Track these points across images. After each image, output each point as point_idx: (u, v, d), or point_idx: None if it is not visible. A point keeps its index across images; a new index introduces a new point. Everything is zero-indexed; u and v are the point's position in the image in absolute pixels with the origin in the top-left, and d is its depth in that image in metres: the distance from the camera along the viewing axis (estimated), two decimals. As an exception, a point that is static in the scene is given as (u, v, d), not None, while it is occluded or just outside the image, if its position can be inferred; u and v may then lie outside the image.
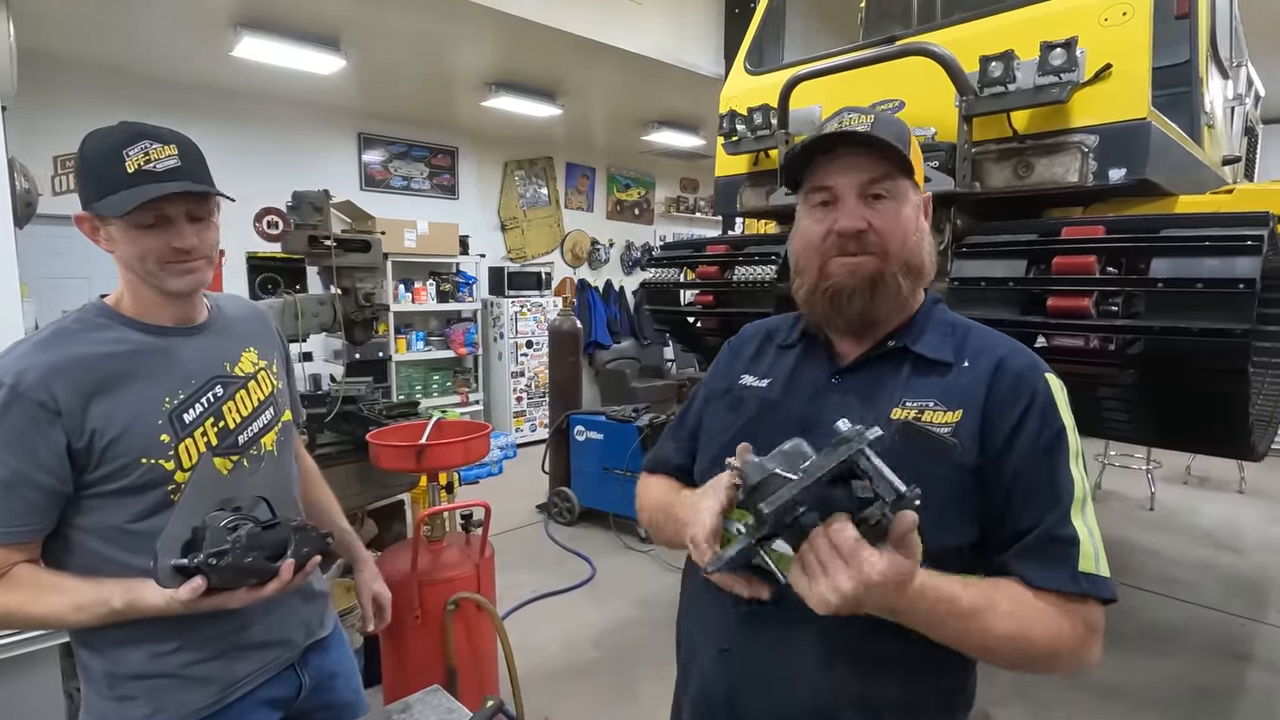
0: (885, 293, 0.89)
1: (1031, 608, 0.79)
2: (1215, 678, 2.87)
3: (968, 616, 0.76)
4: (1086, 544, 0.80)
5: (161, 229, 1.01)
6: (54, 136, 4.59)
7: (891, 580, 0.66)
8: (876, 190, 0.89)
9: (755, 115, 2.65)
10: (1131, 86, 1.91)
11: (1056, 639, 0.78)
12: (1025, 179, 2.10)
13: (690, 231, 9.23)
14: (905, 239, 0.89)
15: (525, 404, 6.89)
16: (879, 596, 0.67)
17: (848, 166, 0.89)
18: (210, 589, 0.95)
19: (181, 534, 0.96)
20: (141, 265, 1.02)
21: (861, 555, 0.65)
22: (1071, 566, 0.79)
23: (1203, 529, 4.56)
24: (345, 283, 3.08)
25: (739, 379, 1.04)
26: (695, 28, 5.00)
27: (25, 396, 0.95)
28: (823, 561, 0.67)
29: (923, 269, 0.92)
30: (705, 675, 0.97)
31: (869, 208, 0.89)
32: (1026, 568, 0.81)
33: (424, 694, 1.32)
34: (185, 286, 1.06)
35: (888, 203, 0.89)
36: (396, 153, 6.44)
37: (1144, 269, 1.79)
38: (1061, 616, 0.78)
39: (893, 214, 0.89)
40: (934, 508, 0.81)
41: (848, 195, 0.89)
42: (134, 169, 0.97)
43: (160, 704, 1.04)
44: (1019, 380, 0.85)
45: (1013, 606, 0.78)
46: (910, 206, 0.90)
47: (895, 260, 0.89)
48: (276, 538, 1.03)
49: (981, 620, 0.76)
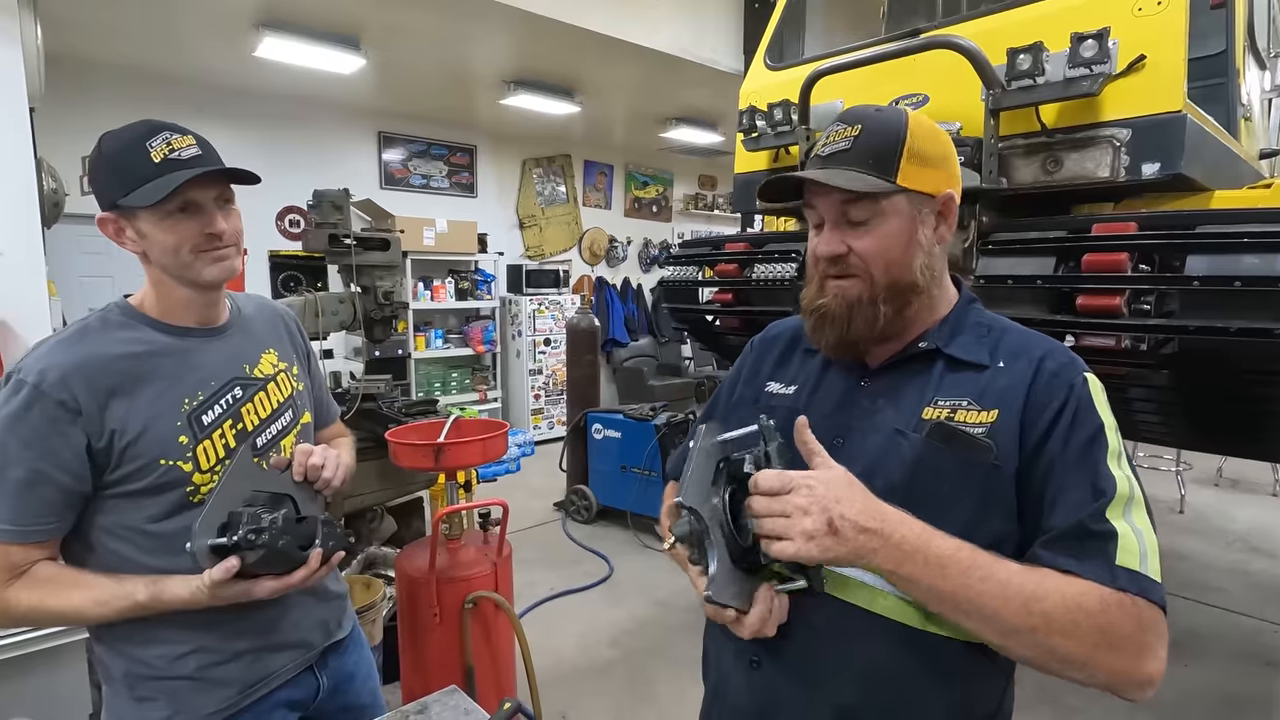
0: (862, 318, 0.87)
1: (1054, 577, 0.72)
2: (1247, 686, 2.80)
3: (969, 564, 0.72)
4: (1128, 539, 0.72)
5: (192, 216, 1.02)
6: (80, 137, 4.65)
7: (836, 477, 0.74)
8: (853, 215, 0.86)
9: (775, 111, 2.61)
10: (1166, 78, 1.85)
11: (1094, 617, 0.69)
12: (1054, 174, 2.05)
13: (709, 229, 9.18)
14: (890, 260, 0.86)
15: (543, 401, 6.90)
16: (848, 512, 0.72)
17: (823, 188, 0.86)
18: (241, 572, 0.95)
19: (218, 518, 0.98)
20: (175, 256, 1.03)
21: (790, 475, 0.73)
22: (1107, 559, 0.72)
23: (1235, 533, 4.45)
24: (365, 281, 3.10)
25: (765, 386, 1.02)
26: (714, 22, 4.96)
27: (47, 396, 0.95)
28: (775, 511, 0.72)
29: (915, 285, 0.88)
30: (735, 690, 0.95)
31: (850, 230, 0.87)
32: (1054, 558, 0.74)
33: (441, 695, 1.31)
34: (219, 275, 1.07)
35: (868, 224, 0.86)
36: (416, 151, 6.47)
37: (1179, 266, 1.74)
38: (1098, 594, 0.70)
39: (872, 236, 0.86)
40: (968, 509, 0.80)
41: (827, 218, 0.88)
42: (160, 159, 0.98)
43: (179, 706, 1.05)
44: (1055, 378, 0.82)
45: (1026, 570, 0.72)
46: (898, 222, 0.86)
47: (879, 284, 0.86)
48: (307, 528, 1.05)
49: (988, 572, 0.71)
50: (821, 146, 0.88)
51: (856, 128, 0.86)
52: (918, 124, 0.87)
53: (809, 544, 0.71)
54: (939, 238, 0.89)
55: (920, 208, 0.87)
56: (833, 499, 0.72)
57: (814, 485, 0.72)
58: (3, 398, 0.96)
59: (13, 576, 0.96)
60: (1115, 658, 0.70)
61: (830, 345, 0.92)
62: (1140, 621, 0.70)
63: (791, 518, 0.71)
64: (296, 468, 1.10)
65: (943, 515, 0.78)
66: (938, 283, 0.91)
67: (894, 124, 0.86)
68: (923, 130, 0.87)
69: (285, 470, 1.10)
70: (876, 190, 0.84)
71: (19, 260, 2.07)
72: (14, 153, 2.02)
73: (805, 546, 0.71)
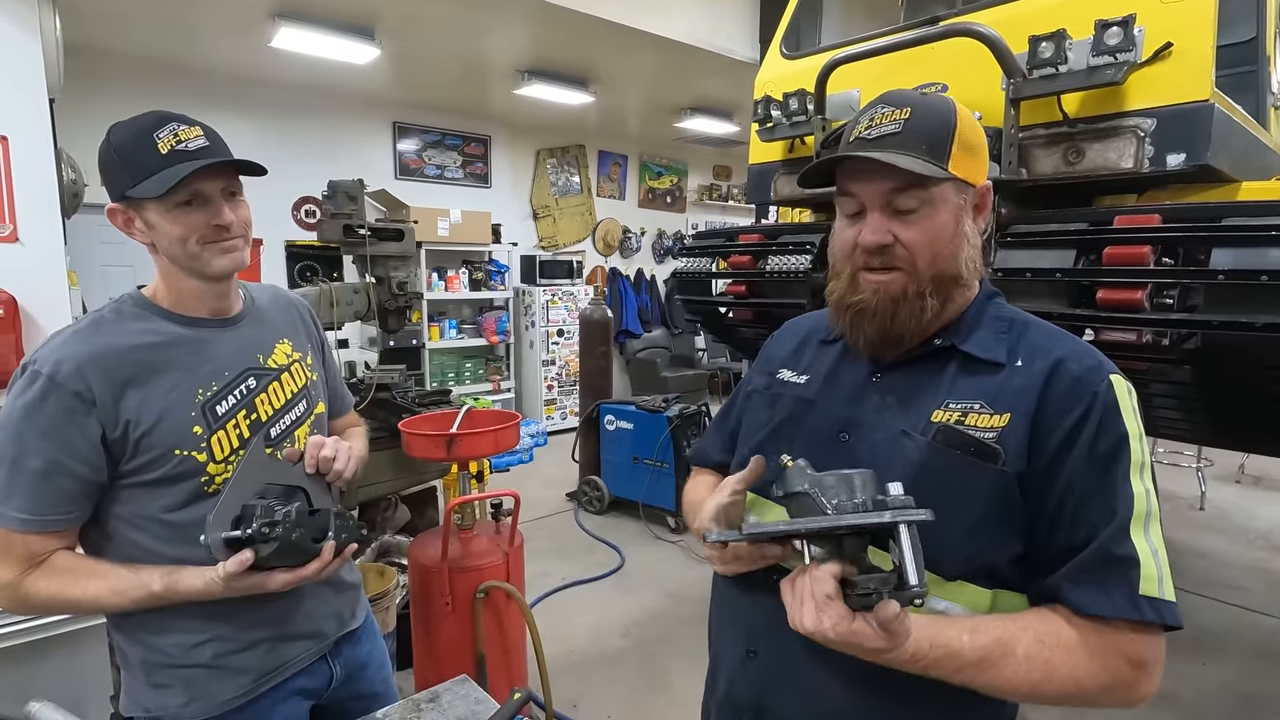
0: (907, 312, 0.84)
1: (1059, 649, 0.72)
2: (1266, 685, 2.76)
3: (976, 667, 0.72)
4: (1148, 564, 0.72)
5: (199, 207, 1.02)
6: (98, 127, 4.66)
7: (850, 645, 0.68)
8: (901, 203, 0.82)
9: (791, 101, 2.58)
10: (1194, 66, 1.80)
11: (1083, 681, 0.72)
12: (1076, 165, 2.01)
13: (723, 220, 9.13)
14: (937, 252, 0.82)
15: (556, 392, 6.92)
16: (850, 650, 0.69)
17: (872, 173, 0.82)
18: (255, 565, 0.96)
19: (232, 510, 0.98)
20: (183, 248, 1.03)
21: (829, 610, 0.67)
22: (1130, 589, 0.72)
23: (1256, 531, 4.38)
24: (379, 271, 3.11)
25: (777, 374, 1.01)
26: (730, 10, 4.91)
27: (62, 386, 0.96)
28: (805, 596, 0.69)
29: (959, 278, 0.85)
30: (733, 679, 0.95)
31: (895, 219, 0.82)
32: (1077, 592, 0.74)
33: (452, 684, 1.33)
34: (227, 266, 1.07)
35: (917, 213, 0.82)
36: (430, 141, 6.48)
37: (1203, 260, 1.70)
38: (1091, 655, 0.72)
39: (921, 226, 0.82)
40: (972, 515, 0.78)
41: (871, 206, 0.84)
42: (167, 150, 0.99)
43: (195, 693, 1.06)
44: (1078, 383, 0.78)
45: (1034, 649, 0.72)
46: (946, 212, 0.82)
47: (924, 276, 0.83)
48: (320, 521, 1.06)
49: (994, 670, 0.72)
50: (865, 129, 0.84)
51: (906, 110, 0.82)
52: (964, 112, 0.84)
53: (799, 626, 0.70)
54: (976, 229, 0.87)
55: (964, 197, 0.84)
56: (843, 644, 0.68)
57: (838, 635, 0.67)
58: (19, 389, 0.97)
59: (31, 566, 0.97)
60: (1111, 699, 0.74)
61: (871, 341, 0.88)
62: (1140, 663, 0.73)
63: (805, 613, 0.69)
64: (308, 460, 1.10)
65: (946, 520, 0.76)
66: (978, 275, 0.88)
67: (945, 109, 0.83)
68: (968, 118, 0.84)
69: (298, 462, 1.10)
70: (937, 175, 0.80)
71: (40, 250, 2.09)
72: (35, 144, 2.04)
73: (794, 624, 0.70)
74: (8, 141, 1.99)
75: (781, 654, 0.88)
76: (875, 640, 0.67)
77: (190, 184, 0.99)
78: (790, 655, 0.87)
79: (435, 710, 1.24)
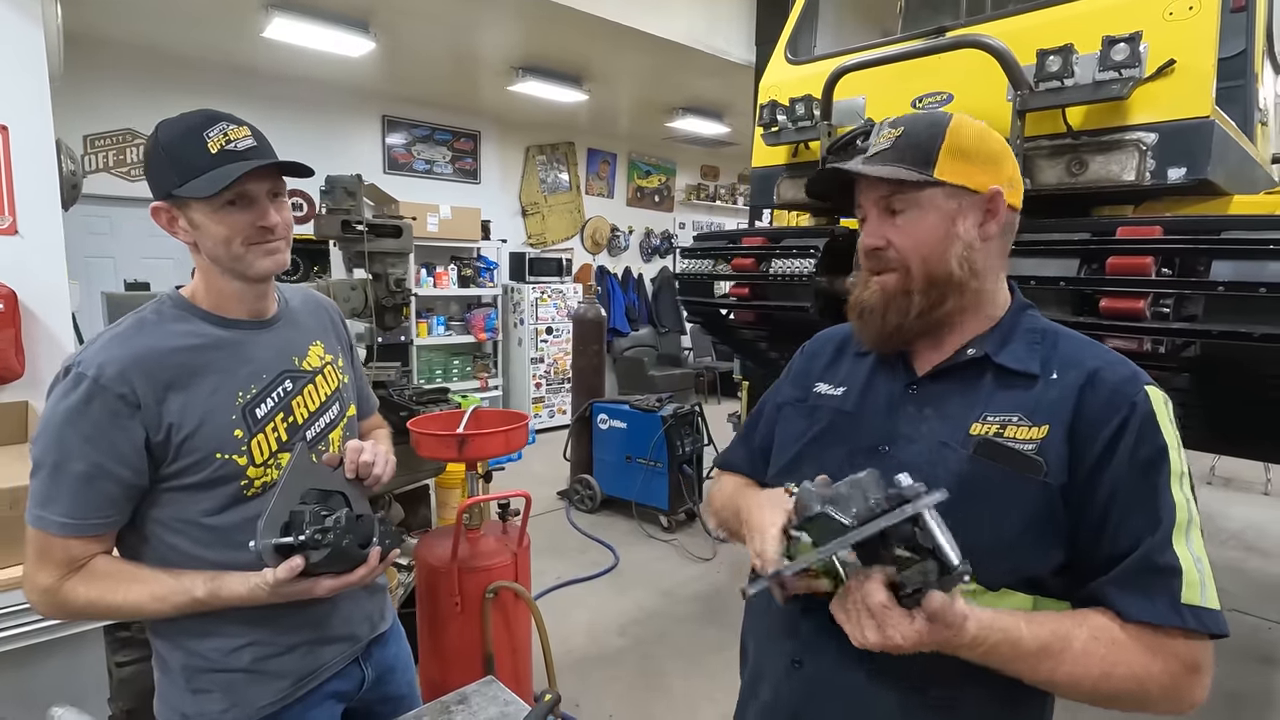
0: (895, 309, 0.89)
1: (1115, 645, 0.74)
2: (1246, 683, 2.85)
3: (1036, 657, 0.74)
4: (1191, 572, 0.74)
5: (244, 208, 1.02)
6: (91, 116, 4.63)
7: (920, 645, 0.69)
8: (891, 205, 0.89)
9: (797, 106, 2.61)
10: (1195, 83, 1.86)
11: (1144, 680, 0.74)
12: (1079, 176, 2.05)
13: (711, 219, 9.17)
14: (925, 254, 0.87)
15: (544, 390, 6.90)
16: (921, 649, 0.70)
17: (869, 184, 0.91)
18: (303, 571, 0.96)
19: (281, 517, 0.98)
20: (228, 249, 1.02)
21: (888, 619, 0.69)
22: (1173, 597, 0.74)
23: (1229, 531, 4.52)
24: (376, 268, 3.08)
25: (814, 386, 1.02)
26: (727, 11, 4.93)
27: (107, 389, 0.95)
28: (857, 611, 0.72)
29: (950, 276, 0.87)
30: (776, 688, 0.96)
31: (890, 223, 0.89)
32: (1121, 598, 0.76)
33: (479, 685, 1.33)
34: (269, 267, 1.07)
35: (906, 215, 0.88)
36: (420, 136, 6.42)
37: (1202, 271, 1.76)
38: (1151, 655, 0.74)
39: (908, 229, 0.88)
40: (1015, 527, 0.80)
41: (869, 213, 0.92)
42: (216, 150, 0.98)
43: (235, 698, 1.06)
44: (1114, 394, 0.80)
45: (1091, 645, 0.74)
46: (934, 214, 0.87)
47: (916, 275, 0.88)
48: (365, 526, 1.06)
49: (1053, 661, 0.74)
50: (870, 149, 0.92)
51: (899, 129, 0.89)
52: (961, 123, 0.88)
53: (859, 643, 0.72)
54: (984, 234, 0.88)
55: (961, 201, 0.87)
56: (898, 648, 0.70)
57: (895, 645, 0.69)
58: (62, 391, 0.96)
59: (71, 570, 0.96)
60: (1166, 703, 0.76)
61: (871, 339, 0.95)
62: (1193, 666, 0.74)
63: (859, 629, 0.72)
64: (348, 465, 1.10)
65: (989, 532, 0.79)
66: (980, 278, 0.89)
67: (935, 123, 0.88)
68: (967, 129, 0.88)
69: (337, 467, 1.10)
70: (906, 178, 0.86)
71: (39, 243, 2.04)
72: (36, 135, 1.99)
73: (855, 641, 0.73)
74: (8, 131, 1.93)
75: (827, 665, 0.89)
76: (940, 632, 0.69)
77: (238, 185, 0.98)
78: (835, 666, 0.88)
79: (465, 712, 1.25)
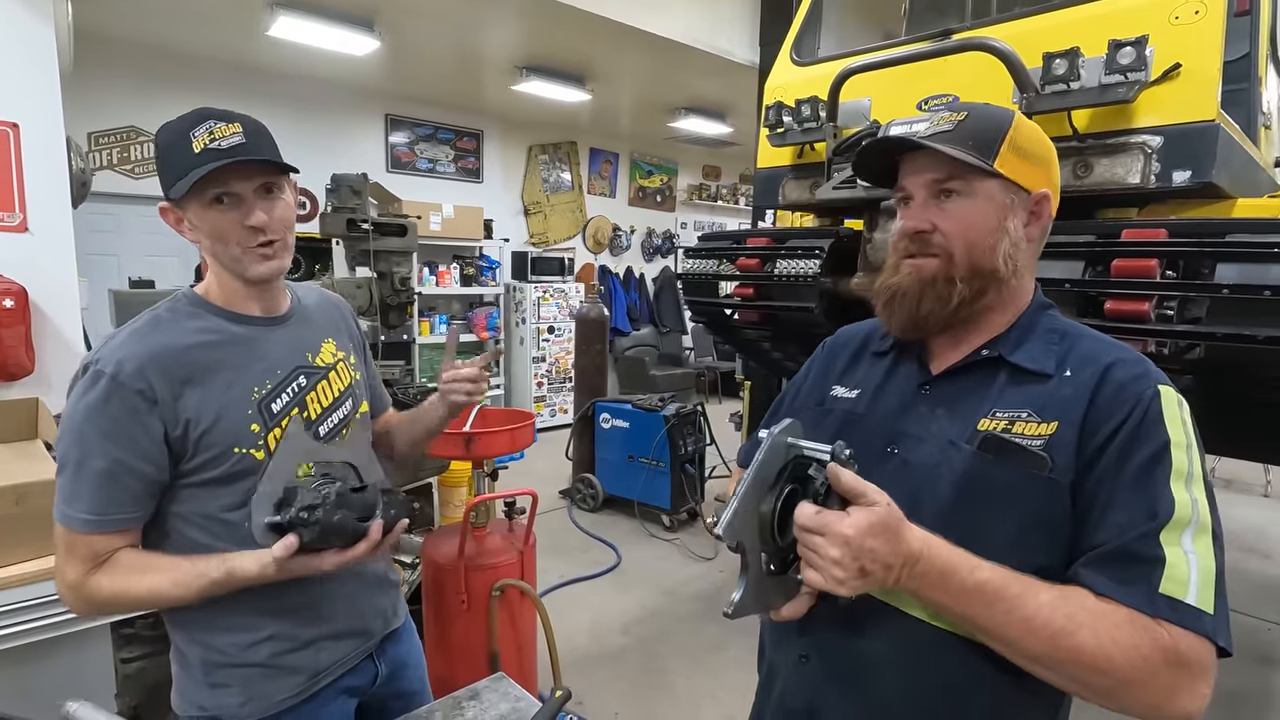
0: (934, 296, 0.87)
1: (1084, 609, 0.70)
2: (1244, 683, 2.87)
3: (993, 598, 0.72)
4: (1179, 567, 0.70)
5: (232, 207, 1.01)
6: (95, 114, 4.64)
7: (868, 529, 0.70)
8: (945, 188, 0.87)
9: (804, 107, 2.62)
10: (1201, 87, 1.87)
11: (1111, 653, 0.69)
12: (1083, 179, 2.07)
13: (712, 219, 9.18)
14: (972, 242, 0.85)
15: (545, 389, 6.91)
16: (877, 557, 0.71)
17: (920, 166, 0.89)
18: (302, 548, 0.95)
19: (274, 492, 0.97)
20: (224, 248, 1.03)
21: (827, 521, 0.72)
22: (1149, 586, 0.70)
23: (1230, 532, 4.46)
24: (381, 266, 3.09)
25: (831, 390, 1.02)
26: (730, 12, 4.94)
27: (125, 386, 0.96)
28: (810, 547, 0.73)
29: (995, 271, 0.86)
30: (786, 684, 0.96)
31: (937, 208, 0.87)
32: (1093, 578, 0.73)
33: (491, 681, 1.34)
34: (266, 273, 1.06)
35: (957, 201, 0.86)
36: (423, 135, 6.43)
37: (1207, 274, 1.77)
38: (1122, 628, 0.69)
39: (959, 213, 0.86)
40: (1016, 523, 0.79)
41: (917, 194, 0.89)
42: (200, 149, 0.98)
43: (252, 693, 1.07)
44: (1123, 390, 0.79)
45: (1057, 601, 0.71)
46: (987, 205, 0.85)
47: (959, 263, 0.85)
48: (365, 499, 1.04)
49: (1014, 604, 0.71)
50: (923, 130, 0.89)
51: (963, 114, 0.87)
52: (1023, 120, 0.88)
53: (838, 586, 0.72)
54: (1028, 235, 0.89)
55: (1013, 197, 0.87)
56: (866, 548, 0.71)
57: (849, 537, 0.71)
58: (81, 389, 0.97)
59: (96, 565, 0.97)
60: (1145, 694, 0.70)
61: (899, 325, 0.92)
62: (1177, 658, 0.68)
63: (824, 560, 0.72)
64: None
65: (992, 529, 0.79)
66: (1018, 277, 0.89)
67: (1002, 115, 0.88)
68: (1028, 128, 0.88)
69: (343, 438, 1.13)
70: (972, 162, 0.83)
71: (49, 240, 2.05)
72: (46, 133, 2.00)
73: (834, 586, 0.72)
74: (19, 129, 1.94)
75: (833, 658, 0.90)
76: (877, 511, 0.72)
77: (222, 184, 0.99)
78: (842, 659, 0.89)
79: (477, 707, 1.26)
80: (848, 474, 0.73)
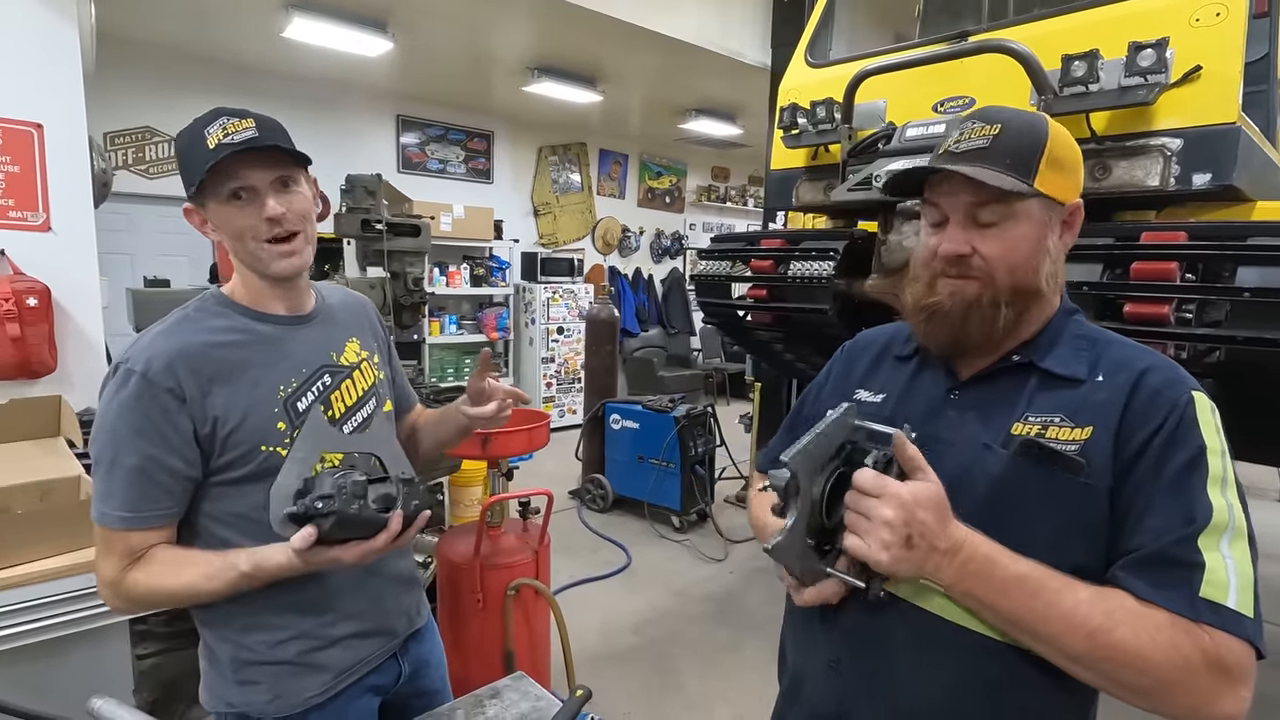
0: (979, 318, 0.85)
1: (1124, 609, 0.70)
2: (1266, 687, 2.84)
3: (1035, 588, 0.72)
4: (1218, 571, 0.70)
5: (250, 202, 1.02)
6: (114, 114, 4.68)
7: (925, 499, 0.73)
8: (983, 216, 0.84)
9: (819, 109, 2.61)
10: (1222, 90, 1.86)
11: (1150, 652, 0.69)
12: (1102, 181, 2.06)
13: (721, 221, 9.18)
14: (1014, 265, 0.84)
15: (555, 390, 6.92)
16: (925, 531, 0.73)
17: (957, 185, 0.84)
18: (322, 539, 0.93)
19: (293, 483, 0.96)
20: (243, 245, 1.04)
21: (886, 483, 0.74)
22: (1190, 590, 0.70)
23: (1243, 537, 4.50)
24: (395, 267, 3.11)
25: (854, 394, 1.01)
26: (741, 13, 4.94)
27: (155, 384, 0.97)
28: (862, 510, 0.75)
29: (1038, 292, 0.86)
30: (815, 691, 0.96)
31: (976, 231, 0.85)
32: (1133, 581, 0.73)
33: (511, 680, 1.34)
34: (286, 270, 1.07)
35: (997, 224, 0.83)
36: (434, 136, 6.45)
37: (1228, 277, 1.76)
38: (1162, 629, 0.69)
39: (1000, 240, 0.83)
40: (1053, 528, 0.79)
41: (953, 218, 0.86)
42: (214, 144, 0.98)
43: (280, 690, 1.07)
44: (1157, 395, 0.79)
45: (1096, 599, 0.71)
46: (1029, 227, 0.84)
47: (1001, 287, 0.84)
48: (384, 490, 1.01)
49: (1054, 599, 0.72)
50: (955, 143, 0.86)
51: (996, 126, 0.84)
52: (1057, 130, 0.85)
53: (882, 552, 0.73)
54: (1063, 245, 0.88)
55: (1050, 214, 0.85)
56: (918, 518, 0.73)
57: (905, 500, 0.73)
58: (113, 388, 0.98)
59: (131, 562, 0.98)
60: (1185, 696, 0.69)
61: (941, 344, 0.90)
62: (1217, 661, 0.68)
63: (874, 523, 0.73)
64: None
65: (1027, 533, 0.78)
66: (1057, 292, 0.89)
67: (1037, 127, 0.84)
68: (1062, 137, 0.85)
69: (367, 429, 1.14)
70: (1018, 190, 0.81)
71: (71, 239, 2.07)
72: (69, 133, 2.02)
73: (878, 553, 0.73)
74: (43, 129, 1.96)
75: (865, 664, 0.89)
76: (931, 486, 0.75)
77: (237, 178, 0.99)
78: (874, 665, 0.88)
79: (498, 706, 1.26)
80: (912, 446, 0.76)
